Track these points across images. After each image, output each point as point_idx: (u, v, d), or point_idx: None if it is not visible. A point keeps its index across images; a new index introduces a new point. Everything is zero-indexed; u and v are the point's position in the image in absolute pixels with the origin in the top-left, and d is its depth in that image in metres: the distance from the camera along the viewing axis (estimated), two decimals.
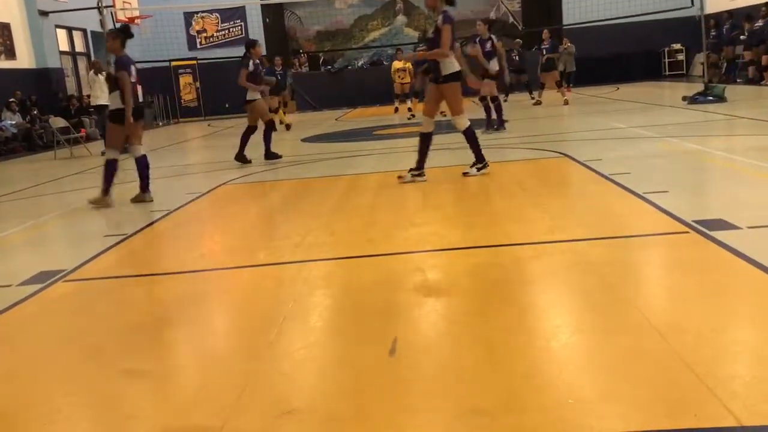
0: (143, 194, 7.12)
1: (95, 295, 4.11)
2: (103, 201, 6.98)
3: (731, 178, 6.04)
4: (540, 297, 3.46)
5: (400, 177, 6.80)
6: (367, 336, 3.02)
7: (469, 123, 6.80)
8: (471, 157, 6.96)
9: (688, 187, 5.79)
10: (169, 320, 3.51)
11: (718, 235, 3.97)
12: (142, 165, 7.13)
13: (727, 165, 6.58)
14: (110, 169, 7.03)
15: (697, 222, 4.29)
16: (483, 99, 10.66)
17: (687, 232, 4.16)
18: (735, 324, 2.89)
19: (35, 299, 3.98)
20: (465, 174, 6.84)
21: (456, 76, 6.68)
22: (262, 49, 8.15)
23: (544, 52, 16.13)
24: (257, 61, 9.78)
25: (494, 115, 10.74)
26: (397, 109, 16.70)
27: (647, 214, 4.77)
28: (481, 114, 10.95)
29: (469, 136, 6.83)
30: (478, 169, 6.86)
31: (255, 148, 9.62)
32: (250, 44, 9.91)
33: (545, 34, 16.33)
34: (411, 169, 6.84)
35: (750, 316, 2.95)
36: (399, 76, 16.45)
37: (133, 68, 7.00)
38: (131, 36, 7.13)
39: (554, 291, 3.50)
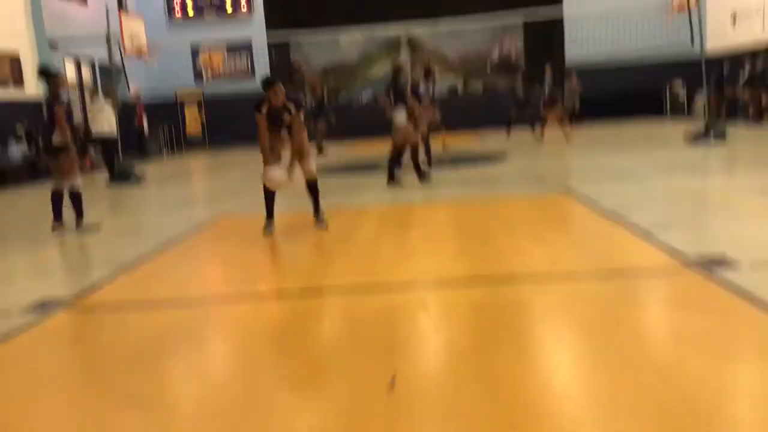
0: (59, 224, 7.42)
1: (94, 324, 4.10)
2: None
3: (733, 215, 6.05)
4: (541, 332, 3.44)
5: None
6: (366, 370, 3.00)
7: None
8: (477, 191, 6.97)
9: (690, 224, 5.79)
10: (167, 350, 3.50)
11: (720, 272, 3.97)
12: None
13: (729, 202, 6.59)
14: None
15: (698, 259, 4.28)
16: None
17: (688, 269, 4.16)
18: (737, 364, 2.87)
19: (34, 327, 3.96)
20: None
21: None
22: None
23: (547, 89, 16.26)
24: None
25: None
26: None
27: (649, 250, 4.77)
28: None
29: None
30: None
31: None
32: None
33: (548, 70, 16.48)
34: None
35: (752, 356, 2.93)
36: None
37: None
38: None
39: (555, 326, 3.49)
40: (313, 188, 6.63)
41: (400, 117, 9.19)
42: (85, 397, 2.99)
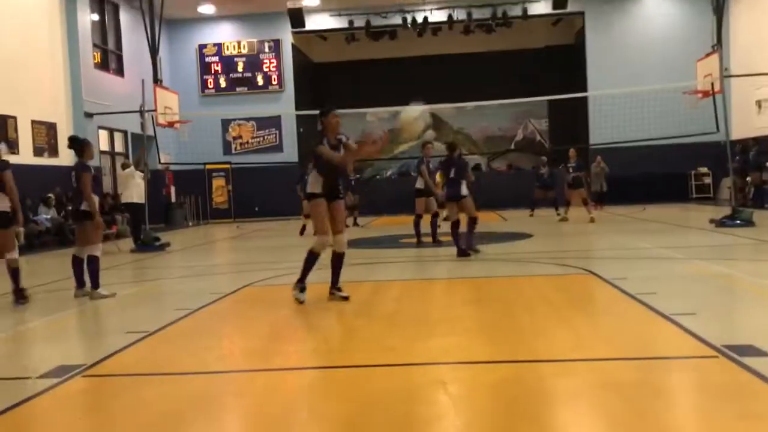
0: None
1: (112, 392, 4.07)
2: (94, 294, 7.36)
3: (761, 302, 5.93)
4: (563, 417, 3.35)
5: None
6: None
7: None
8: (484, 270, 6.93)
9: (717, 311, 5.68)
10: (182, 422, 3.45)
11: (749, 361, 3.86)
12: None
13: (757, 289, 6.47)
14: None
15: (726, 347, 4.18)
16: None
17: (716, 357, 4.06)
18: None
19: (52, 393, 3.95)
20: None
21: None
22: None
23: (570, 171, 16.35)
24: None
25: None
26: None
27: (674, 336, 4.67)
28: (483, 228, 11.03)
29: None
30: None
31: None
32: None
33: (572, 152, 16.62)
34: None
35: None
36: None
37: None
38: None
39: (578, 412, 3.40)
40: (339, 260, 6.63)
41: (465, 190, 9.66)
42: None
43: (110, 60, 21.13)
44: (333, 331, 5.38)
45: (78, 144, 7.71)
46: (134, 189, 13.88)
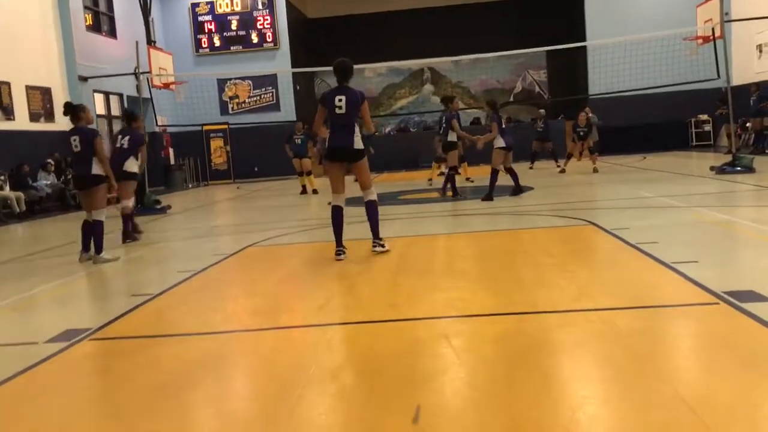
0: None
1: (119, 355, 4.12)
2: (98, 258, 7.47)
3: (761, 249, 5.95)
4: (567, 367, 3.39)
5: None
6: (390, 403, 2.98)
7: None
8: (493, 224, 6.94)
9: (718, 258, 5.71)
10: (191, 382, 3.50)
11: (750, 306, 3.90)
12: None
13: (757, 236, 6.49)
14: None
15: (727, 293, 4.21)
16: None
17: (717, 303, 4.09)
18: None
19: (60, 357, 4.00)
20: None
21: None
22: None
23: (581, 134, 16.22)
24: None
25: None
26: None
27: (676, 284, 4.70)
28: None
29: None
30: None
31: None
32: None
33: (582, 117, 16.39)
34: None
35: None
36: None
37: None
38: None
39: (581, 361, 3.44)
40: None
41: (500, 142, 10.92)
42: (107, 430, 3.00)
43: (102, 22, 20.83)
44: (337, 288, 5.42)
45: (73, 109, 7.65)
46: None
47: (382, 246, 6.68)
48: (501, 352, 3.59)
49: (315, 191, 15.11)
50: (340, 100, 6.47)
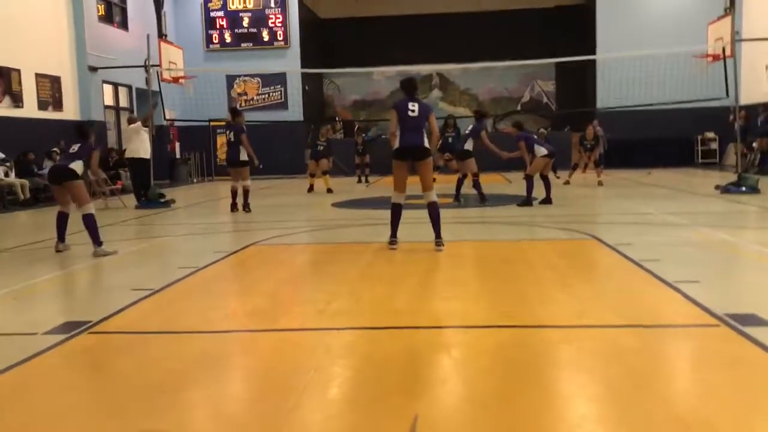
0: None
1: (118, 350, 4.12)
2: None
3: (764, 271, 5.94)
4: (565, 383, 3.39)
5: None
6: (387, 412, 2.97)
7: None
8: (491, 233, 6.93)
9: (720, 279, 5.70)
10: (189, 381, 3.50)
11: (751, 330, 3.89)
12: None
13: (760, 258, 6.48)
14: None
15: (728, 315, 4.20)
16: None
17: (718, 326, 4.08)
18: (767, 423, 2.80)
19: (58, 350, 4.00)
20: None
21: None
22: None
23: (588, 147, 16.21)
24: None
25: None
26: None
27: (677, 303, 4.69)
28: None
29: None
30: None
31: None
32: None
33: (590, 131, 16.34)
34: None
35: None
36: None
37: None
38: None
39: (580, 378, 3.43)
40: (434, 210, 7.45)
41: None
42: (102, 429, 2.99)
43: (114, 13, 20.86)
44: (338, 292, 5.41)
45: (82, 129, 7.99)
46: (140, 144, 13.85)
47: (443, 245, 7.11)
48: (501, 365, 3.59)
49: (329, 190, 15.21)
50: (413, 106, 7.39)
